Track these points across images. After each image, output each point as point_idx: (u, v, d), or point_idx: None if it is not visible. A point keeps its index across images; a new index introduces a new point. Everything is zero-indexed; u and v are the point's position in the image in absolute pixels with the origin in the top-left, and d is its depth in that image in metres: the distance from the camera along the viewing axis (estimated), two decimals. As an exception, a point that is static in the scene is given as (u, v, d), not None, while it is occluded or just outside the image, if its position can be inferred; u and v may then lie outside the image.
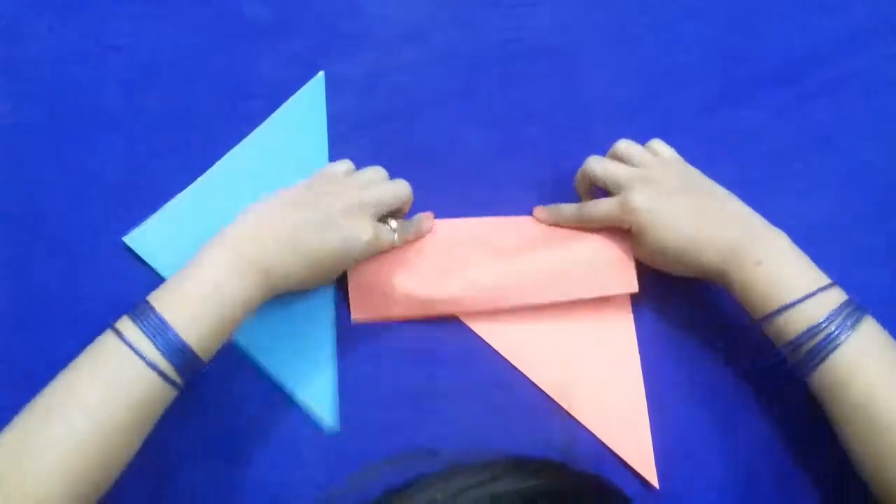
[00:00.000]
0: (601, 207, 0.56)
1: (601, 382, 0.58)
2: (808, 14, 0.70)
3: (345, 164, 0.57)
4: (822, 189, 0.65)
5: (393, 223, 0.56)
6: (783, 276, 0.50)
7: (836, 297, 0.49)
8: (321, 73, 0.65)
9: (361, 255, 0.54)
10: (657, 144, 0.58)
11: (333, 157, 0.63)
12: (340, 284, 0.59)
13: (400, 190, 0.56)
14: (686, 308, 0.60)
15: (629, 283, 0.58)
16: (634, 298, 0.60)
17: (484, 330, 0.59)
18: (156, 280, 0.58)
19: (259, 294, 0.49)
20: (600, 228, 0.59)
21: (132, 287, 0.57)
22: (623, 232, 0.58)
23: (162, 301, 0.46)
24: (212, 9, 0.67)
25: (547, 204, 0.62)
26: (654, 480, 0.55)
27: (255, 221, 0.51)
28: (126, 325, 0.45)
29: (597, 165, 0.57)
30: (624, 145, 0.58)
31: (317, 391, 0.56)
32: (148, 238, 0.59)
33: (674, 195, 0.53)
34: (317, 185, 0.54)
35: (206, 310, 0.46)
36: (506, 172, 0.65)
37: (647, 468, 0.56)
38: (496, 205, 0.63)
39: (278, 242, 0.50)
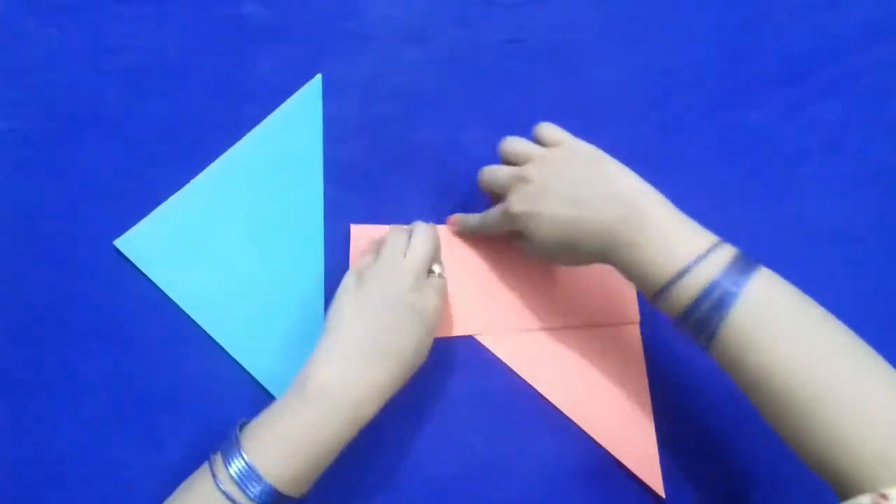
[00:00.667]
0: (491, 217, 0.56)
1: (607, 392, 0.58)
2: (815, 13, 0.69)
3: (368, 254, 0.56)
4: (829, 190, 0.64)
5: (437, 269, 0.55)
6: (659, 254, 0.47)
7: (718, 258, 0.46)
8: (318, 76, 0.64)
9: (438, 321, 0.53)
10: (543, 129, 0.55)
11: (331, 159, 0.63)
12: (331, 295, 0.58)
13: (430, 236, 0.55)
14: None
15: (633, 314, 0.60)
16: (641, 306, 0.60)
17: (490, 340, 0.59)
18: (146, 284, 0.57)
19: (355, 428, 0.48)
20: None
21: (123, 291, 0.57)
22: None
23: (253, 441, 0.45)
24: (210, 11, 0.66)
25: None
26: (660, 490, 0.55)
27: (339, 349, 0.49)
28: (219, 466, 0.45)
29: (484, 176, 0.57)
30: (505, 145, 0.56)
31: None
32: (139, 242, 0.59)
33: (548, 190, 0.51)
34: (369, 280, 0.52)
35: (297, 452, 0.45)
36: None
37: (654, 478, 0.55)
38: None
39: (366, 359, 0.48)
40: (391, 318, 0.50)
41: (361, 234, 0.60)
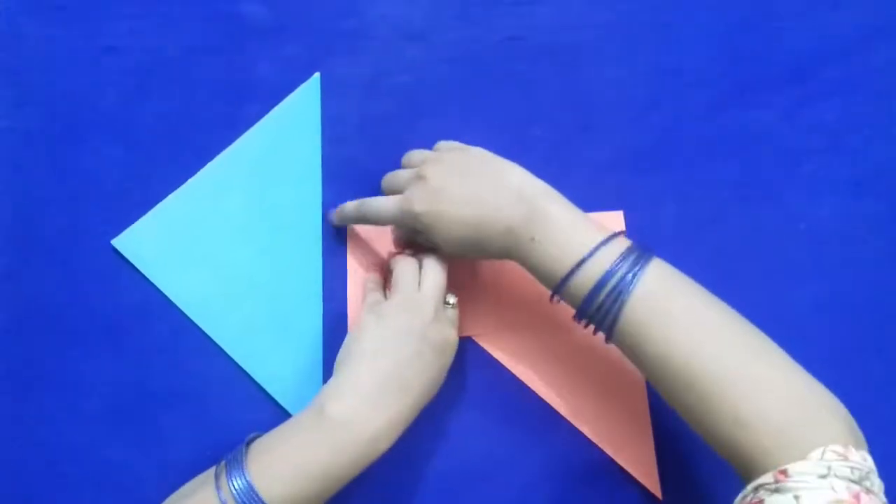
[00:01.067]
0: (383, 208, 0.54)
1: (604, 394, 0.58)
2: (816, 13, 0.68)
3: (376, 290, 0.56)
4: (830, 190, 0.64)
5: (451, 300, 0.55)
6: (555, 247, 0.48)
7: (611, 250, 0.47)
8: (317, 75, 0.64)
9: (454, 353, 0.53)
10: (440, 143, 0.58)
11: (330, 160, 0.62)
12: (329, 295, 0.59)
13: (441, 266, 0.54)
14: None
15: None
16: None
17: (487, 340, 0.59)
18: (144, 283, 0.58)
19: (365, 463, 0.47)
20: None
21: (121, 290, 0.58)
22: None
23: (260, 462, 0.46)
24: (209, 10, 0.66)
25: None
26: (657, 491, 0.55)
27: (360, 383, 0.48)
28: (222, 479, 0.45)
29: (385, 181, 0.57)
30: (406, 156, 0.58)
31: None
32: (136, 241, 0.59)
33: (446, 186, 0.51)
34: (390, 315, 0.51)
35: (302, 482, 0.45)
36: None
37: (650, 478, 0.55)
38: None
39: (384, 395, 0.48)
40: (411, 353, 0.49)
41: (359, 235, 0.60)
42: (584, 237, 0.48)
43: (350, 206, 0.57)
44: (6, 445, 0.55)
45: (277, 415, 0.56)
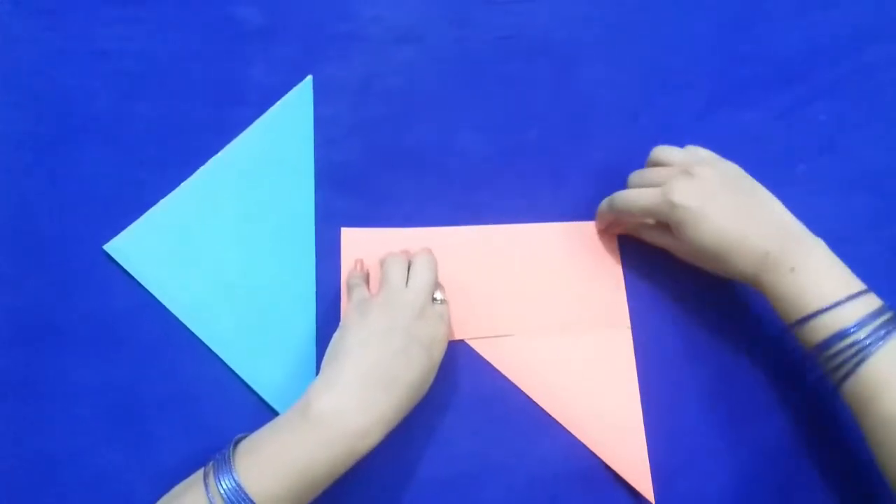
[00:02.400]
0: (640, 197, 0.55)
1: (597, 396, 0.58)
2: (810, 13, 0.68)
3: (360, 285, 0.56)
4: (824, 191, 0.64)
5: (438, 295, 0.55)
6: (815, 283, 0.49)
7: (869, 303, 0.48)
8: (309, 78, 0.64)
9: (444, 348, 0.53)
10: (693, 148, 0.57)
11: (323, 161, 0.62)
12: (322, 299, 0.59)
13: (431, 263, 0.55)
14: (683, 321, 0.60)
15: (623, 318, 0.60)
16: (632, 312, 0.60)
17: (481, 345, 0.59)
18: (136, 288, 0.57)
19: (352, 459, 0.47)
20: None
21: (113, 295, 0.57)
22: (615, 265, 0.60)
23: (246, 461, 0.46)
24: (201, 13, 0.66)
25: (543, 206, 0.62)
26: (649, 495, 0.55)
27: (343, 379, 0.48)
28: (210, 480, 0.45)
29: (636, 175, 0.57)
30: (661, 149, 0.57)
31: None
32: (129, 246, 0.58)
33: (715, 193, 0.52)
34: (374, 311, 0.52)
35: (289, 479, 0.45)
36: (503, 177, 0.64)
37: (643, 483, 0.55)
38: (493, 211, 0.62)
39: (369, 390, 0.48)
40: (396, 348, 0.49)
41: (352, 238, 0.60)
42: (841, 283, 0.49)
43: (603, 203, 0.59)
44: (-1, 450, 0.55)
45: (270, 418, 0.54)
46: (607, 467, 0.55)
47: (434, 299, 0.54)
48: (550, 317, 0.59)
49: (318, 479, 0.46)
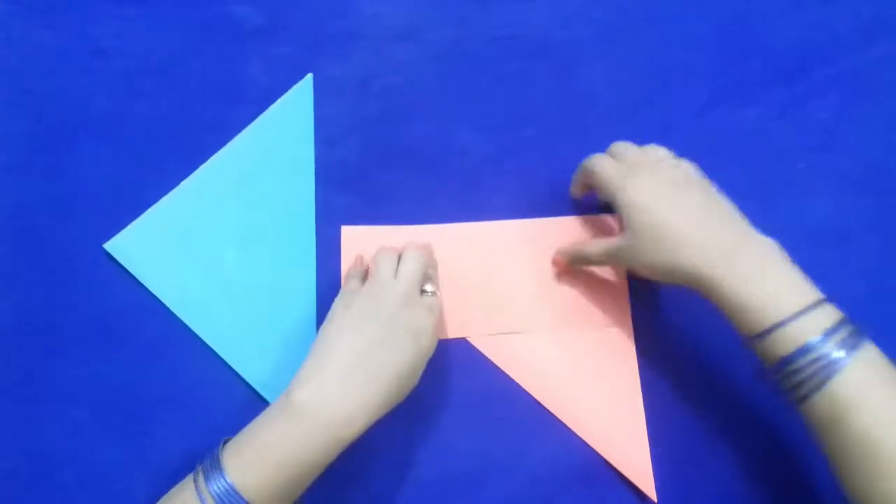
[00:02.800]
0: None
1: (599, 394, 0.58)
2: (810, 11, 0.68)
3: (355, 278, 0.56)
4: (824, 189, 0.64)
5: (429, 287, 0.54)
6: (774, 292, 0.46)
7: (831, 315, 0.45)
8: (309, 76, 0.64)
9: (432, 340, 0.52)
10: (653, 147, 0.56)
11: (323, 160, 0.62)
12: (322, 297, 0.59)
13: (419, 256, 0.54)
14: (686, 320, 0.60)
15: (625, 317, 0.59)
16: (634, 310, 0.60)
17: (483, 343, 0.59)
18: (136, 287, 0.57)
19: (337, 446, 0.47)
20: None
21: (113, 294, 0.57)
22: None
23: (234, 458, 0.46)
24: (201, 12, 0.66)
25: (543, 205, 0.62)
26: (651, 494, 0.55)
27: (324, 369, 0.48)
28: (200, 481, 0.45)
29: (595, 161, 0.56)
30: (620, 145, 0.57)
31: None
32: (129, 245, 0.58)
33: (667, 193, 0.51)
34: (358, 302, 0.52)
35: (276, 470, 0.45)
36: (502, 176, 0.64)
37: (646, 481, 0.55)
38: (492, 210, 0.62)
39: (351, 378, 0.48)
40: (379, 338, 0.49)
41: (352, 236, 0.60)
42: (798, 292, 0.46)
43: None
44: (-3, 449, 0.55)
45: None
46: (609, 466, 0.56)
47: (424, 291, 0.54)
48: (552, 314, 0.59)
49: (305, 470, 0.46)
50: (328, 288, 0.59)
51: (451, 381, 0.58)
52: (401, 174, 0.63)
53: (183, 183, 0.60)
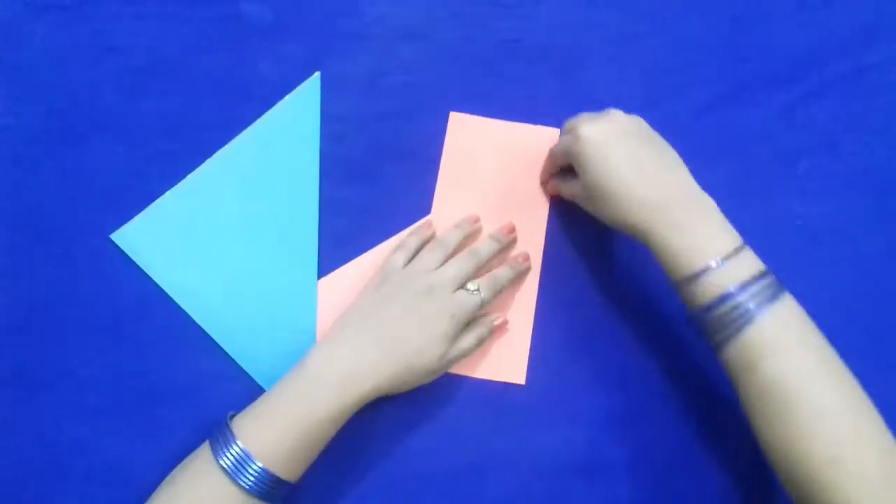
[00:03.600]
0: (560, 142, 0.57)
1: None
2: (811, 12, 0.68)
3: (405, 249, 0.57)
4: (825, 190, 0.64)
5: (471, 286, 0.55)
6: (703, 242, 0.48)
7: (752, 267, 0.47)
8: (317, 74, 0.65)
9: (455, 332, 0.53)
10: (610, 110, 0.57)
11: (329, 157, 0.63)
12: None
13: (470, 264, 0.55)
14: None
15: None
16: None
17: None
18: (142, 278, 0.58)
19: (345, 402, 0.48)
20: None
21: (120, 285, 0.58)
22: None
23: (243, 426, 0.47)
24: (209, 10, 0.66)
25: None
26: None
27: (338, 335, 0.51)
28: (212, 451, 0.46)
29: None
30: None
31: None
32: (135, 236, 0.59)
33: (621, 138, 0.52)
34: (390, 282, 0.54)
35: (287, 429, 0.47)
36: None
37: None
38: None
39: (362, 341, 0.50)
40: (397, 313, 0.51)
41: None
42: (725, 243, 0.48)
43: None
44: (5, 439, 0.55)
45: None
46: (606, 460, 0.56)
47: (466, 288, 0.54)
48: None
49: (314, 427, 0.47)
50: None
51: (451, 376, 0.58)
52: (405, 171, 0.63)
53: (190, 175, 0.61)
